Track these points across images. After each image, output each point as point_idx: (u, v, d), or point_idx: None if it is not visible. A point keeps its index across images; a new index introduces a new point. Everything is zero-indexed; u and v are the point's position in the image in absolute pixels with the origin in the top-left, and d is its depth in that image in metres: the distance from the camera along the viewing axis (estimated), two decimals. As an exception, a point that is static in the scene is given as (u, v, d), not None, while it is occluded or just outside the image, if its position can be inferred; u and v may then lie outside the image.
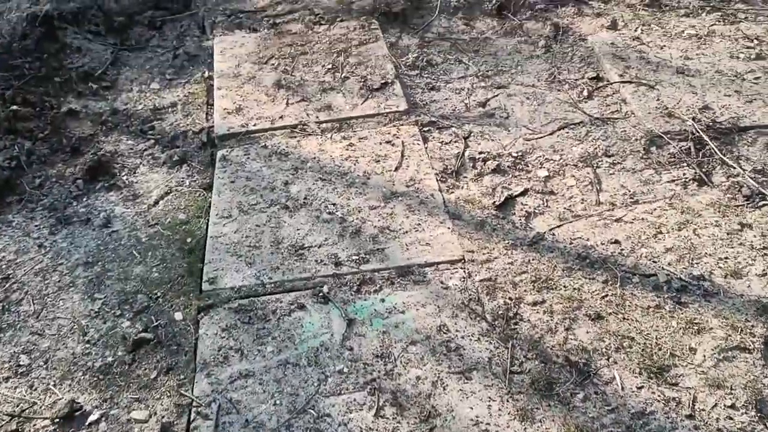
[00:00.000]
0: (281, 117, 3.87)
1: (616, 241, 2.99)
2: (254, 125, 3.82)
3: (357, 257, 2.91)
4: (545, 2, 4.81)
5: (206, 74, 4.39)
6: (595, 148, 3.53)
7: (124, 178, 3.64)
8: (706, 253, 2.89)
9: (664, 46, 4.27)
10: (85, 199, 3.53)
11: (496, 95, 4.00)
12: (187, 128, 3.95)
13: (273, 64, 4.34)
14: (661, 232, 3.02)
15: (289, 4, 5.02)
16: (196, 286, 2.90)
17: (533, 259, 2.90)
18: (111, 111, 4.15)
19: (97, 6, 4.81)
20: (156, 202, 3.46)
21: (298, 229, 3.09)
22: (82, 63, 4.50)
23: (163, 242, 3.18)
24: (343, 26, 4.67)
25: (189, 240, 3.17)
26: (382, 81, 4.08)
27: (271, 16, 4.92)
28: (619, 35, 4.40)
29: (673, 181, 3.31)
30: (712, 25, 4.47)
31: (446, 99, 4.00)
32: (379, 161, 3.48)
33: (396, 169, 3.42)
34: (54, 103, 4.17)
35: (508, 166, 3.45)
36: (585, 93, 3.95)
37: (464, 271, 2.84)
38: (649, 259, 2.88)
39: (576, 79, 4.09)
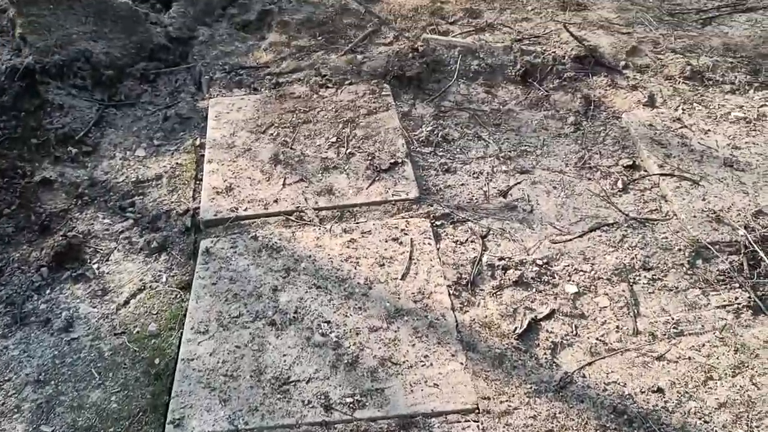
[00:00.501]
0: (276, 201, 3.44)
1: (659, 389, 2.51)
2: (245, 210, 3.39)
3: (352, 399, 2.46)
4: (575, 70, 4.36)
5: (198, 142, 3.97)
6: (632, 258, 3.06)
7: (95, 266, 3.22)
8: (767, 412, 2.41)
9: (709, 130, 3.81)
10: (48, 292, 3.11)
11: (519, 182, 3.55)
12: (171, 207, 3.53)
13: (272, 134, 3.92)
14: (711, 378, 2.55)
15: (295, 60, 4.61)
16: (159, 427, 2.45)
17: (560, 412, 2.43)
18: (89, 181, 3.74)
19: (85, 58, 4.41)
20: (126, 302, 3.03)
21: (284, 355, 2.64)
22: (63, 123, 4.10)
23: (127, 360, 2.74)
24: (351, 90, 4.25)
25: (157, 361, 2.72)
26: (392, 160, 3.64)
27: (275, 74, 4.51)
28: (658, 114, 3.94)
29: (724, 306, 2.84)
30: (762, 105, 4.01)
31: (463, 184, 3.55)
32: (383, 265, 3.03)
33: (403, 276, 2.97)
34: (27, 170, 3.77)
35: (531, 278, 2.99)
36: (619, 184, 3.50)
37: (478, 427, 2.37)
38: (699, 418, 2.41)
39: (609, 166, 3.63)
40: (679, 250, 3.09)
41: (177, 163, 3.84)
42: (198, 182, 3.68)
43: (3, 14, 4.71)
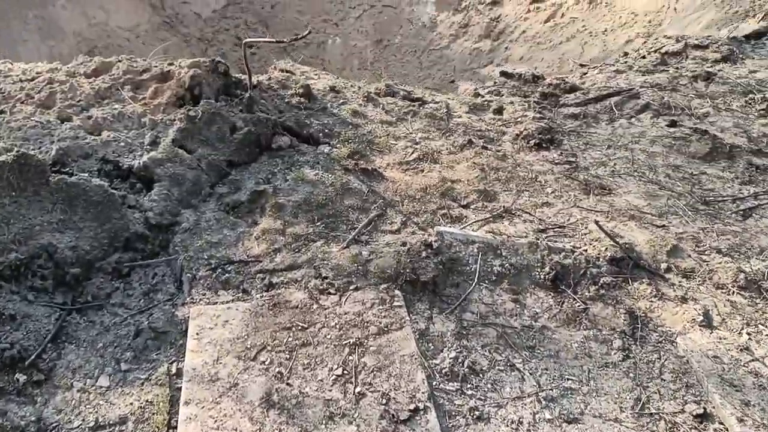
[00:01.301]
0: (269, 468, 2.72)
1: None
2: (229, 482, 2.66)
3: None
4: (612, 274, 3.83)
5: (174, 368, 3.28)
6: None
7: None
8: None
9: (784, 364, 3.23)
10: None
11: (569, 437, 2.89)
12: (135, 471, 2.78)
13: (264, 361, 3.25)
14: None
15: (291, 253, 4.04)
16: None
17: None
18: (37, 425, 3.00)
19: (48, 254, 3.79)
20: None
21: None
22: (12, 340, 3.40)
23: None
24: (357, 299, 3.65)
25: None
26: (411, 405, 2.98)
27: (268, 271, 3.91)
28: (720, 341, 3.37)
29: None
30: (834, 327, 3.47)
31: (499, 440, 2.88)
32: None
33: None
34: (-41, 409, 3.03)
35: None
36: (692, 444, 2.85)
37: None
38: None
39: (674, 413, 3.00)
40: None
41: (147, 401, 3.13)
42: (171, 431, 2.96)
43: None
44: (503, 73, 6.45)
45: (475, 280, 3.82)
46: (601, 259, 3.91)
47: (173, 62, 5.29)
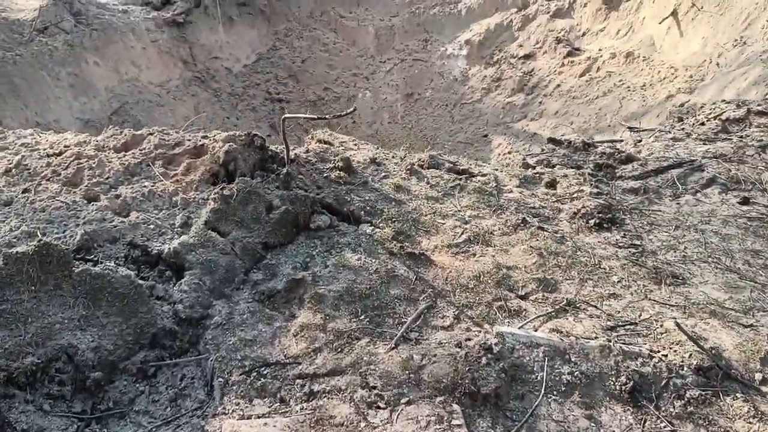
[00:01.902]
0: None
1: None
2: None
3: None
4: (699, 386, 3.36)
5: (203, 502, 2.87)
6: None
7: None
8: None
9: None
10: None
11: None
12: None
13: (306, 496, 2.82)
14: None
15: (334, 353, 3.64)
16: None
17: None
18: None
19: (67, 356, 3.44)
20: None
21: None
22: (23, 462, 3.02)
23: None
24: (410, 416, 3.22)
25: None
26: None
27: (307, 376, 3.51)
28: (841, 479, 2.86)
29: None
30: None
31: None
32: None
33: None
34: None
35: None
36: None
37: None
38: None
39: None
40: None
41: None
42: None
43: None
44: (551, 140, 6.09)
45: (542, 391, 3.37)
46: (685, 368, 3.44)
47: (207, 135, 5.02)
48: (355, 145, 5.65)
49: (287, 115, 4.69)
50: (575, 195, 5.01)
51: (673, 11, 12.50)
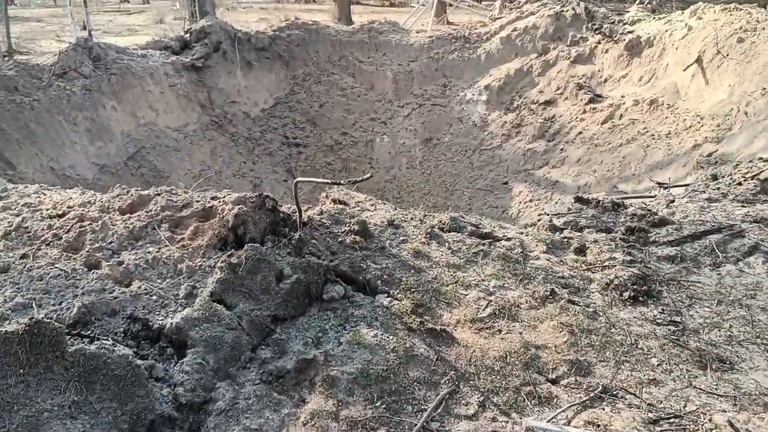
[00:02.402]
0: None
1: None
2: None
3: None
4: (758, 499, 2.96)
5: None
6: None
7: None
8: None
9: None
10: None
11: None
12: None
13: None
14: None
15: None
16: None
17: None
18: None
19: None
20: None
21: None
22: None
23: None
24: None
25: None
26: None
27: (317, 475, 3.17)
28: None
29: None
30: None
31: None
32: None
33: None
34: None
35: None
36: None
37: None
38: None
39: None
40: None
41: None
42: None
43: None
44: (578, 200, 5.78)
45: (580, 500, 2.99)
46: (741, 476, 3.06)
47: (217, 195, 4.78)
48: (372, 205, 5.38)
49: (300, 179, 4.43)
50: (607, 263, 4.67)
51: (698, 58, 12.26)
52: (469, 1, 26.40)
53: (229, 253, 4.16)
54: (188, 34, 14.35)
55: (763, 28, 11.88)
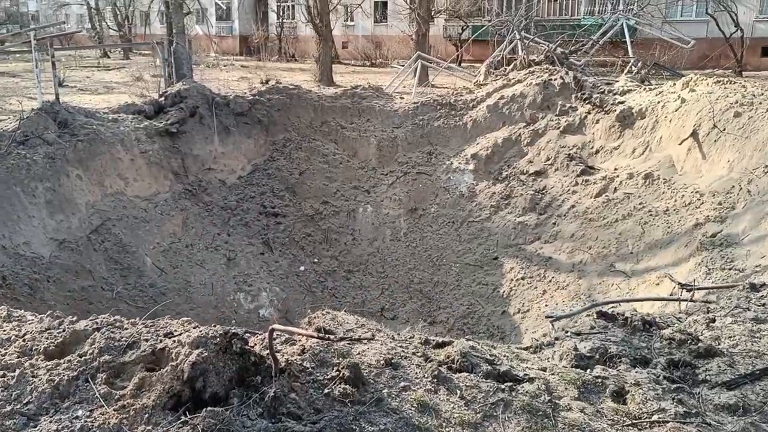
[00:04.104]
0: None
1: None
2: None
3: None
4: None
5: None
6: None
7: None
8: None
9: None
10: None
11: None
12: None
13: None
14: None
15: None
16: None
17: None
18: None
19: None
20: None
21: None
22: None
23: None
24: None
25: None
26: None
27: None
28: None
29: None
30: None
31: None
32: None
33: None
34: None
35: None
36: None
37: None
38: None
39: None
40: None
41: None
42: None
43: None
44: (602, 315, 5.03)
45: None
46: None
47: (172, 332, 3.94)
48: (365, 330, 4.56)
49: (276, 327, 3.62)
50: (655, 416, 3.87)
51: (693, 132, 11.84)
52: (446, 64, 26.25)
53: (181, 419, 3.31)
54: (163, 98, 13.67)
55: (760, 103, 11.51)
